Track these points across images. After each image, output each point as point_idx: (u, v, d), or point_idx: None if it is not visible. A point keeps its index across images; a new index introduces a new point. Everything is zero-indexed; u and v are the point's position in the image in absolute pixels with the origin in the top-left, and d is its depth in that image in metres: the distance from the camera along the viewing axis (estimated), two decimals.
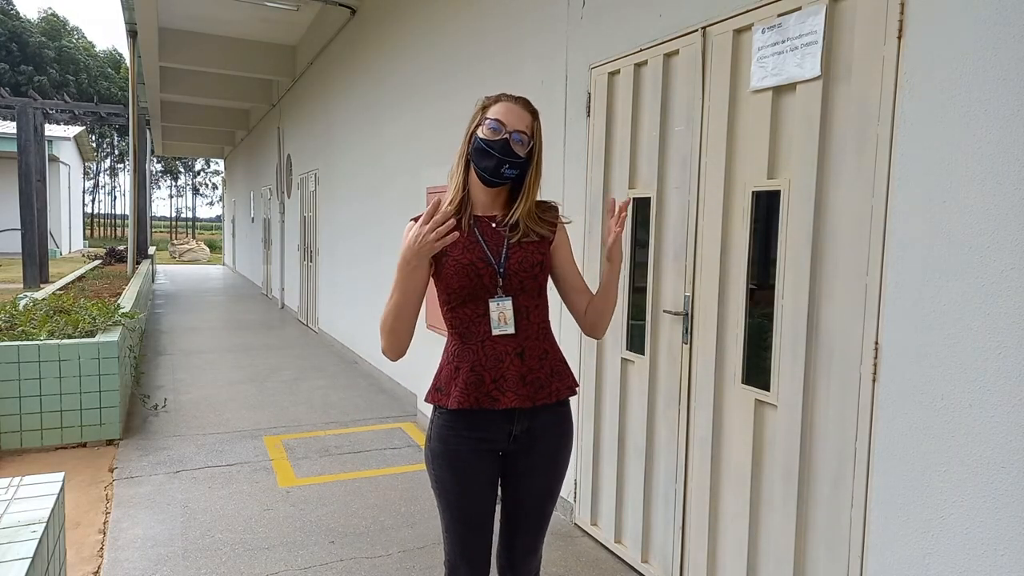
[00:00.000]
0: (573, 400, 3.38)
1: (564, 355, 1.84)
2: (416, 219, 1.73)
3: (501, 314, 1.69)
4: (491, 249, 1.72)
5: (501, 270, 1.70)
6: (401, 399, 5.76)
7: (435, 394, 1.75)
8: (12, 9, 41.59)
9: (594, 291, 1.82)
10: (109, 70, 46.68)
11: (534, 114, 1.74)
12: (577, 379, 1.86)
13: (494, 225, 1.75)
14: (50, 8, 48.57)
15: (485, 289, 1.69)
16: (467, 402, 1.68)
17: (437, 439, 1.75)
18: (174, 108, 14.42)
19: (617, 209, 1.69)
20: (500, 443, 1.74)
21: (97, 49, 48.68)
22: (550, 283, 1.83)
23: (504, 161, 1.68)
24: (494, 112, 1.70)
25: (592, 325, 1.83)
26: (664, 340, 2.82)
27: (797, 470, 2.19)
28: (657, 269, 2.85)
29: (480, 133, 1.70)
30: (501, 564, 1.88)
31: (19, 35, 40.71)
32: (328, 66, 8.48)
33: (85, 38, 48.00)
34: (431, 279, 1.76)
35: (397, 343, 1.71)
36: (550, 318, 1.81)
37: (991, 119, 1.65)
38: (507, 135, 1.67)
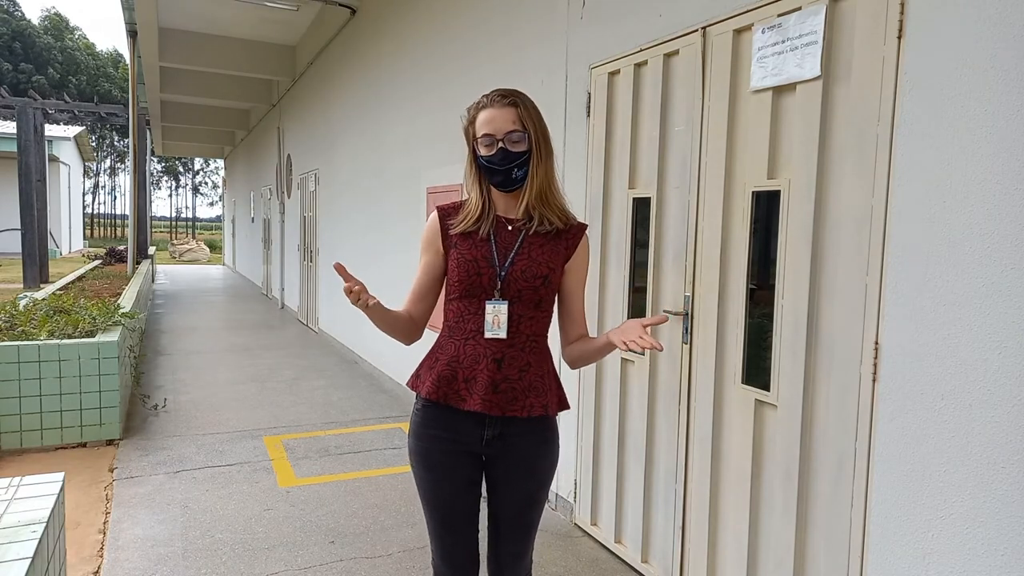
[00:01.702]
0: (573, 400, 3.38)
1: (555, 373, 1.80)
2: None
3: (495, 317, 1.68)
4: (499, 251, 1.70)
5: (502, 273, 1.68)
6: (401, 399, 5.76)
7: (414, 379, 1.78)
8: (17, 11, 41.71)
9: (588, 327, 1.81)
10: (110, 69, 46.71)
11: (515, 104, 1.68)
12: (568, 401, 1.81)
13: (510, 228, 1.73)
14: (53, 7, 48.55)
15: (482, 289, 1.68)
16: (435, 395, 1.70)
17: (413, 436, 1.77)
18: (174, 108, 14.42)
19: (650, 327, 1.59)
20: (473, 445, 1.72)
21: (98, 49, 48.74)
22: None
23: (510, 169, 1.67)
24: (480, 126, 1.69)
25: (573, 360, 1.82)
26: (664, 340, 2.82)
27: (797, 470, 2.19)
28: (657, 269, 2.85)
29: (479, 152, 1.70)
30: (490, 568, 1.86)
31: (24, 35, 40.80)
32: (328, 66, 8.48)
33: (87, 39, 48.05)
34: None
35: (401, 339, 1.79)
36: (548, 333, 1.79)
37: (991, 119, 1.65)
38: (501, 143, 1.66)
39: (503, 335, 1.67)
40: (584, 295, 1.83)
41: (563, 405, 1.80)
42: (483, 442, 1.72)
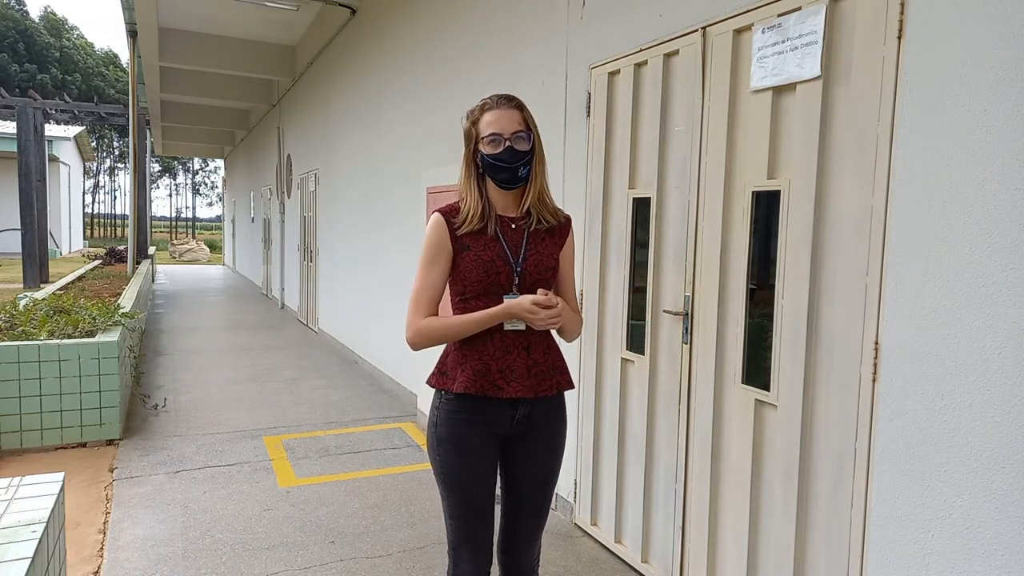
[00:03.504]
0: (573, 400, 3.38)
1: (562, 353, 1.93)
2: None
3: None
4: (511, 248, 1.81)
5: (518, 269, 1.79)
6: (401, 399, 5.76)
7: (439, 378, 1.83)
8: (23, 8, 41.83)
9: (586, 321, 1.90)
10: (103, 69, 46.74)
11: (520, 107, 1.82)
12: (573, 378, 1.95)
13: (513, 226, 1.84)
14: (48, 7, 48.61)
15: (500, 286, 1.78)
16: (472, 388, 1.76)
17: (444, 424, 1.82)
18: (174, 108, 14.41)
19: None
20: (503, 428, 1.82)
21: (95, 48, 48.80)
22: None
23: (517, 166, 1.78)
24: (487, 125, 1.78)
25: (559, 331, 1.91)
26: (664, 340, 2.82)
27: (797, 470, 2.19)
28: (657, 269, 2.85)
29: (484, 150, 1.78)
30: (502, 551, 1.93)
31: (28, 34, 40.91)
32: (328, 66, 8.48)
33: (84, 37, 48.09)
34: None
35: (435, 345, 1.84)
36: None
37: (991, 119, 1.65)
38: (508, 141, 1.76)
39: (523, 326, 1.78)
40: (573, 278, 1.98)
41: (572, 379, 1.95)
42: (513, 422, 1.82)
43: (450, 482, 1.82)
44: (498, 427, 1.82)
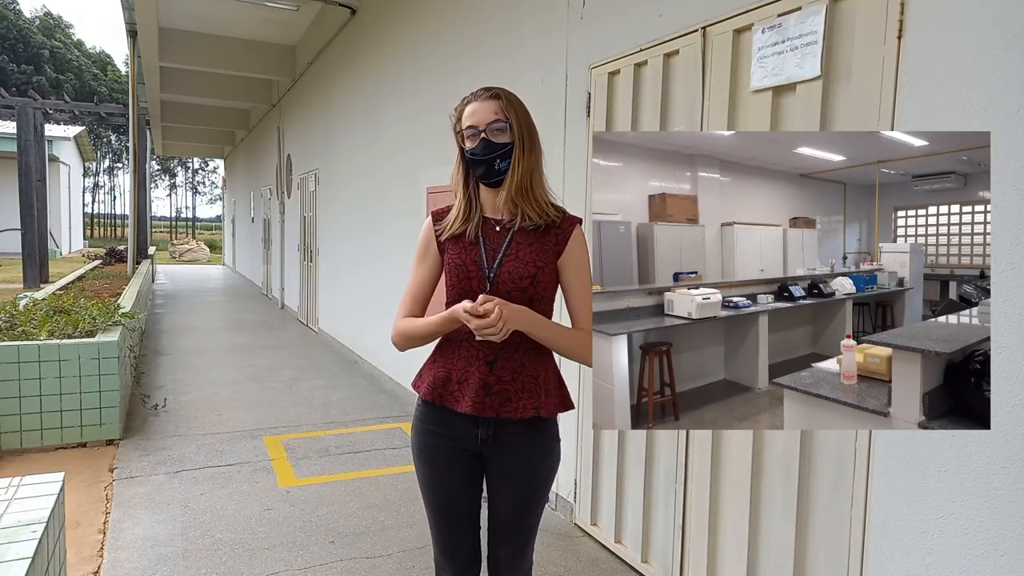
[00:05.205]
0: (576, 400, 3.37)
1: (556, 373, 1.76)
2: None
3: None
4: (488, 253, 1.70)
5: (491, 275, 1.68)
6: (401, 399, 5.76)
7: (416, 379, 1.83)
8: (17, 6, 41.93)
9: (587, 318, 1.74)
10: (95, 70, 46.81)
11: (497, 96, 1.69)
12: (571, 401, 1.79)
13: (498, 228, 1.73)
14: (43, 6, 48.76)
15: (472, 292, 1.67)
16: (431, 396, 1.75)
17: (414, 431, 1.83)
18: (174, 108, 14.41)
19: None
20: (470, 443, 1.74)
21: (87, 47, 48.96)
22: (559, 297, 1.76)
23: (492, 159, 1.67)
24: (465, 119, 1.69)
25: (562, 353, 1.74)
26: None
27: (797, 470, 2.19)
28: None
29: (466, 146, 1.70)
30: (490, 568, 1.86)
31: (25, 34, 40.99)
32: (328, 66, 8.48)
33: (73, 37, 48.19)
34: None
35: (412, 346, 1.79)
36: None
37: (991, 119, 1.65)
38: (484, 133, 1.66)
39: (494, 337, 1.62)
40: (586, 291, 1.75)
41: (565, 406, 1.76)
42: (478, 440, 1.73)
43: (422, 490, 1.82)
44: (465, 442, 1.73)
